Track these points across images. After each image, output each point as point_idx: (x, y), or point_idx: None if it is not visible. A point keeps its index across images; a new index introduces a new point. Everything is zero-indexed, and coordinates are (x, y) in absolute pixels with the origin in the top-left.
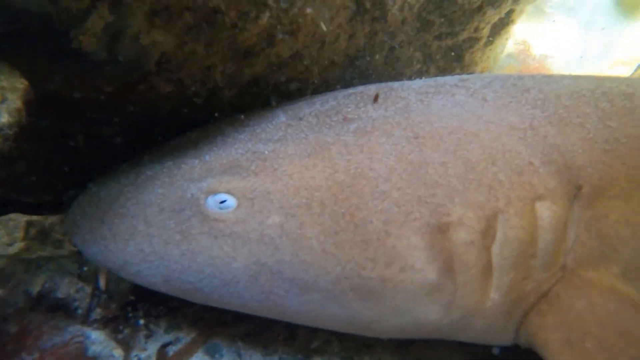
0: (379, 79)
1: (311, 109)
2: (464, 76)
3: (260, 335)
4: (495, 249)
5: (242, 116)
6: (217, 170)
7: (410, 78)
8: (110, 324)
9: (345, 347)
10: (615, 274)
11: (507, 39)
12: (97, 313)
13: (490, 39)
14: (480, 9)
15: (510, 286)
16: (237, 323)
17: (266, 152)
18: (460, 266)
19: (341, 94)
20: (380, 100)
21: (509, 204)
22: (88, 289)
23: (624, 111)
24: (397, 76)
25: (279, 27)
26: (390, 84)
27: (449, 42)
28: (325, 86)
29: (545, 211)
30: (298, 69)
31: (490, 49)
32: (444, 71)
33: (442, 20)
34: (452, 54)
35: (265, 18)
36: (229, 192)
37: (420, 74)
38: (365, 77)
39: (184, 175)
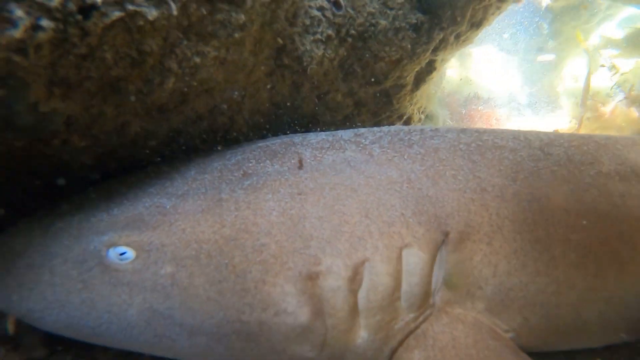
0: (311, 123)
1: (219, 162)
2: (361, 130)
3: None
4: (362, 293)
5: (163, 167)
6: (120, 224)
7: (342, 122)
8: None
9: None
10: (480, 309)
11: (438, 79)
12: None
13: (416, 85)
14: (399, 61)
15: (378, 326)
16: None
17: (167, 207)
18: (329, 309)
19: (250, 147)
20: (279, 155)
21: (376, 252)
22: None
23: (492, 162)
24: (330, 120)
25: (188, 88)
26: (295, 137)
27: (375, 88)
28: (255, 131)
29: (411, 257)
30: (219, 120)
31: (418, 93)
32: (375, 114)
33: (365, 70)
34: (381, 99)
35: (170, 83)
36: (127, 245)
37: (352, 117)
38: (298, 123)
39: (91, 229)
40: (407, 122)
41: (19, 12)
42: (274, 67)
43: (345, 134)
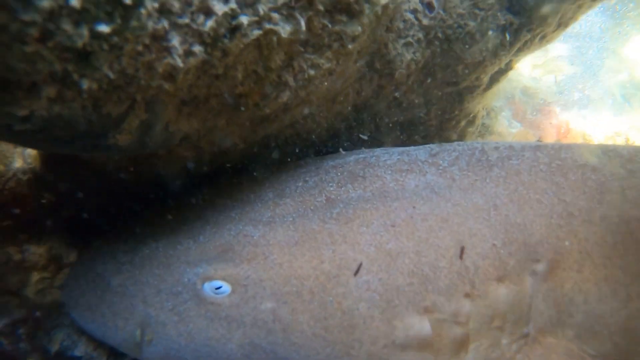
0: (381, 121)
1: (296, 184)
2: (434, 149)
3: None
4: (467, 324)
5: (236, 181)
6: (211, 254)
7: (410, 120)
8: None
9: None
10: (570, 337)
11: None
12: None
13: (490, 85)
14: (482, 62)
15: (477, 352)
16: None
17: (256, 237)
18: (435, 339)
19: (323, 166)
20: (359, 179)
21: (474, 287)
22: (106, 347)
23: (577, 184)
24: (398, 118)
25: (295, 99)
26: (368, 157)
27: (449, 89)
28: (330, 132)
29: (504, 290)
30: (308, 124)
31: (489, 92)
32: (444, 112)
33: (444, 72)
34: (453, 98)
35: (285, 97)
36: (223, 279)
37: (421, 116)
38: (370, 120)
39: (180, 257)
40: (472, 120)
41: (175, 41)
42: (365, 71)
43: (420, 153)
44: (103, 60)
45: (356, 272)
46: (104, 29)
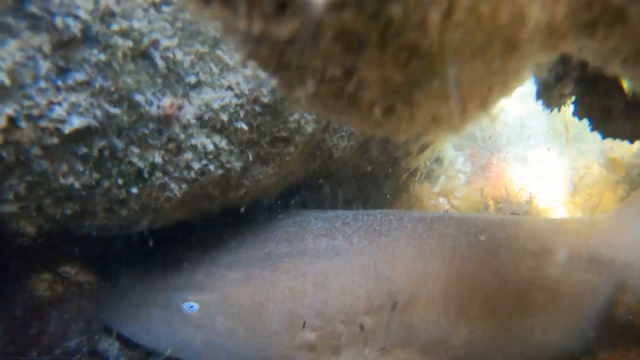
0: (331, 180)
1: (251, 237)
2: (348, 218)
3: None
4: (340, 339)
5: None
6: (190, 284)
7: (359, 175)
8: None
9: None
10: (415, 351)
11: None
12: None
13: (421, 151)
14: (405, 142)
15: (347, 358)
16: None
17: (218, 275)
18: (319, 349)
19: (271, 227)
20: (291, 239)
21: (348, 317)
22: (117, 344)
23: (436, 250)
24: (348, 174)
25: (251, 190)
26: (303, 221)
27: (386, 157)
28: (287, 193)
29: (369, 320)
30: (265, 195)
31: (422, 155)
32: (385, 169)
33: (378, 149)
34: (391, 161)
35: (242, 192)
36: (195, 302)
37: (366, 174)
38: (321, 182)
39: (170, 284)
40: (414, 172)
41: (172, 185)
42: (308, 158)
43: (337, 221)
44: (132, 202)
45: (303, 325)
46: (134, 190)
